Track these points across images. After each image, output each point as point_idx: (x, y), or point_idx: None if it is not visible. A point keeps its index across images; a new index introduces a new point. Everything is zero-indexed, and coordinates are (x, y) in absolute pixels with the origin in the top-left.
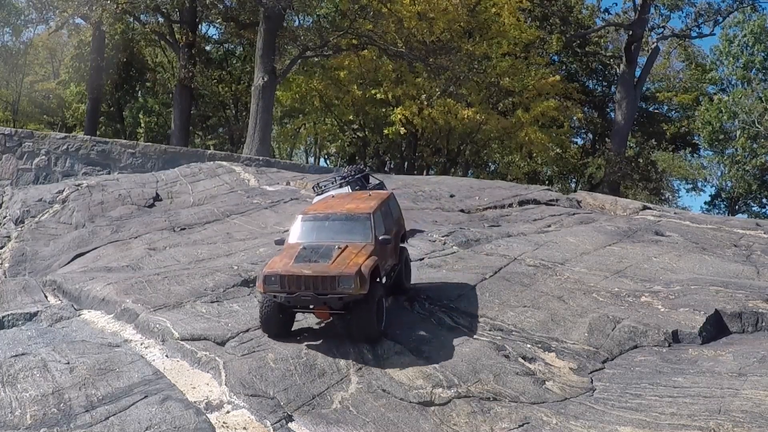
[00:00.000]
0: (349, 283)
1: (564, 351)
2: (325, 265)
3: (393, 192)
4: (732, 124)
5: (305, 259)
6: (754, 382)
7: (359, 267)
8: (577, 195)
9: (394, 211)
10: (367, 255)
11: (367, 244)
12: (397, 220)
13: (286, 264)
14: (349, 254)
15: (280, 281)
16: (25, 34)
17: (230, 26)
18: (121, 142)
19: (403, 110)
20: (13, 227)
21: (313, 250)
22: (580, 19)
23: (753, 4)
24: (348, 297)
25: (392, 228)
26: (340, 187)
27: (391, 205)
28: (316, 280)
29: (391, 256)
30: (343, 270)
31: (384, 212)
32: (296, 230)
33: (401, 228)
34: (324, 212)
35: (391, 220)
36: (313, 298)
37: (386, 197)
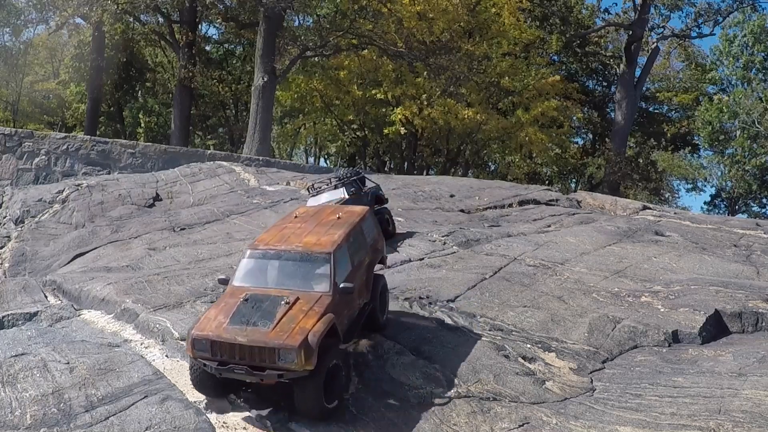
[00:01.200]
0: (290, 358)
1: (564, 351)
2: (265, 331)
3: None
4: (732, 124)
5: (243, 320)
6: (754, 382)
7: (306, 336)
8: (577, 195)
9: (369, 234)
10: (319, 314)
11: (323, 296)
12: (372, 245)
13: (220, 324)
14: (298, 313)
15: (210, 347)
16: (25, 34)
17: (230, 26)
18: (121, 142)
19: (403, 110)
20: (13, 227)
21: (255, 305)
22: (580, 19)
23: (753, 4)
24: (291, 374)
25: (364, 259)
26: (335, 188)
27: (365, 226)
28: (252, 351)
29: (360, 296)
30: (285, 340)
31: (353, 242)
32: (242, 268)
33: (377, 253)
34: (276, 248)
35: (364, 248)
36: (248, 372)
37: (359, 219)
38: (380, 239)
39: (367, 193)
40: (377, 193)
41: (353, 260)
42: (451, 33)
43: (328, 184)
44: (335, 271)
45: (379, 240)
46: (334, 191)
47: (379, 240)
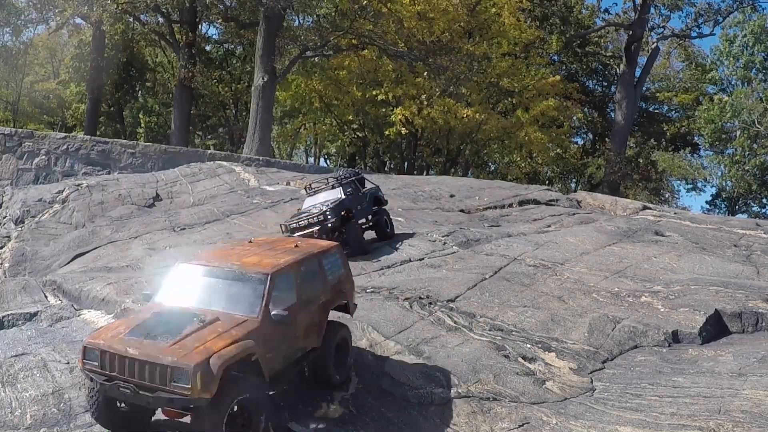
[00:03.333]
0: (184, 379)
1: (564, 351)
2: (162, 346)
3: (339, 244)
4: (732, 123)
5: (143, 332)
6: (754, 382)
7: (207, 357)
8: (577, 195)
9: (332, 272)
10: (236, 338)
11: (248, 320)
12: (334, 286)
13: (118, 334)
14: (210, 333)
15: (100, 359)
16: (25, 34)
17: (230, 26)
18: (121, 142)
19: (403, 110)
20: (13, 227)
21: (165, 320)
22: (580, 19)
23: (753, 4)
24: (183, 401)
25: (317, 296)
26: (332, 188)
27: (327, 262)
28: (143, 367)
29: (304, 338)
30: (180, 358)
31: (304, 273)
32: (169, 283)
33: (339, 296)
34: (209, 264)
35: (320, 285)
36: (133, 392)
37: (319, 251)
38: (348, 282)
39: (365, 194)
40: (376, 194)
41: (301, 293)
42: (451, 33)
43: (326, 184)
44: (270, 295)
45: (346, 283)
46: (331, 191)
47: (346, 283)
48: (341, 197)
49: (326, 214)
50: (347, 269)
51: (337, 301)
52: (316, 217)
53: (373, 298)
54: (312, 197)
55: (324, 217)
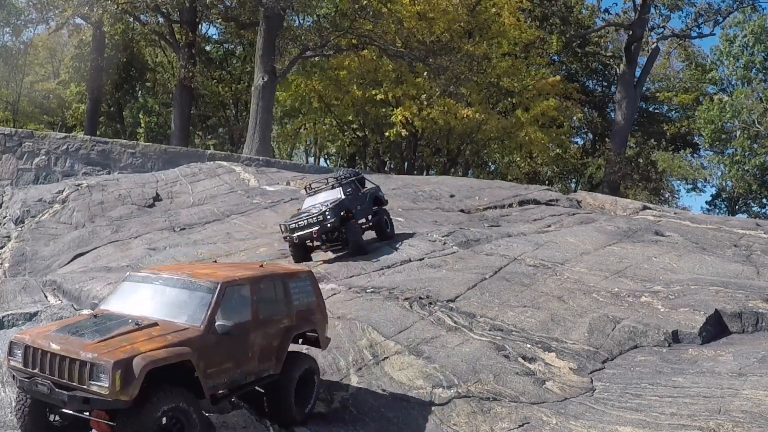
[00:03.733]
0: (103, 378)
1: (564, 351)
2: (85, 342)
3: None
4: (732, 123)
5: (72, 330)
6: (754, 382)
7: (131, 356)
8: (577, 195)
9: (300, 298)
10: (169, 342)
11: (189, 328)
12: (300, 312)
13: (45, 331)
14: (142, 335)
15: (23, 355)
16: (25, 34)
17: (230, 26)
18: (121, 142)
19: (403, 111)
20: (13, 227)
21: (99, 322)
22: (580, 19)
23: (753, 4)
24: (100, 401)
25: (279, 320)
26: (332, 189)
27: (295, 286)
28: (62, 363)
29: (260, 361)
30: (101, 355)
31: (264, 291)
32: (117, 292)
33: (305, 324)
34: (158, 273)
35: (284, 309)
36: (50, 389)
37: (285, 273)
38: (319, 312)
39: (365, 193)
40: (377, 194)
41: (258, 311)
42: (451, 33)
43: (326, 183)
44: (218, 306)
45: (317, 312)
46: (331, 191)
47: (317, 312)
48: (341, 197)
49: (326, 214)
50: (319, 299)
51: (303, 329)
52: (316, 217)
53: (373, 298)
54: (312, 197)
55: (323, 217)
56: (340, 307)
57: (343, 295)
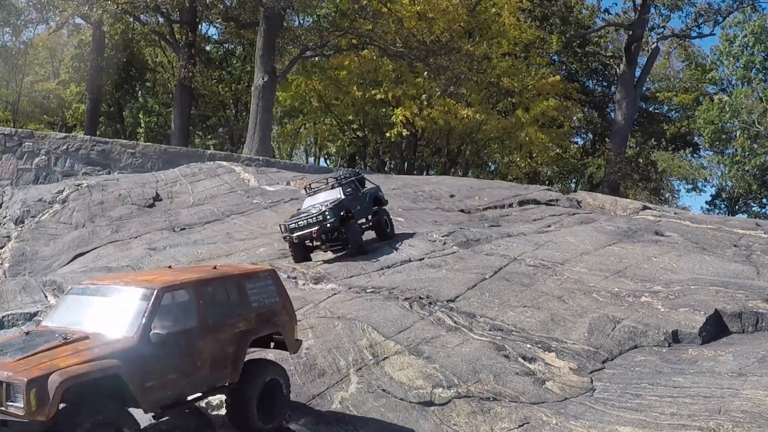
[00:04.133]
0: (17, 397)
1: (564, 351)
2: (5, 361)
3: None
4: (732, 124)
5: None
6: (754, 382)
7: (48, 373)
8: (577, 195)
9: (260, 298)
10: (95, 356)
11: (122, 340)
12: (261, 314)
13: None
14: (67, 350)
15: None
16: (25, 34)
17: (230, 26)
18: (121, 142)
19: (403, 111)
20: (13, 227)
21: (29, 339)
22: (580, 19)
23: (753, 4)
24: (18, 423)
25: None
26: (332, 189)
27: (252, 286)
28: None
29: (208, 369)
30: (16, 374)
31: (213, 294)
32: (58, 306)
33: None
34: (98, 284)
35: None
36: None
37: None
38: (285, 314)
39: (365, 194)
40: (376, 195)
41: (206, 316)
42: (451, 33)
43: (326, 184)
44: (153, 314)
45: (282, 314)
46: (330, 191)
47: (282, 314)
48: (340, 197)
49: (325, 214)
50: (285, 299)
51: (263, 332)
52: (315, 217)
53: (373, 298)
54: (311, 197)
55: (323, 217)
56: (340, 307)
57: (343, 295)
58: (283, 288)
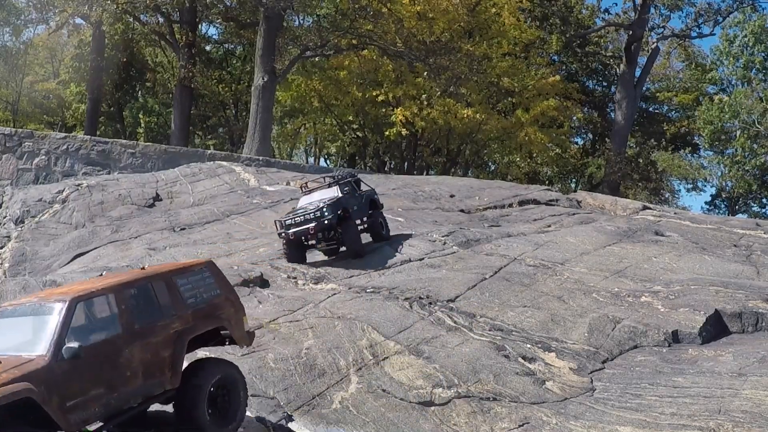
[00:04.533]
0: None
1: (564, 351)
2: None
3: (211, 260)
4: (732, 124)
5: None
6: (754, 382)
7: None
8: (577, 195)
9: (196, 293)
10: (4, 380)
11: (34, 360)
12: (198, 311)
13: None
14: None
15: None
16: (25, 34)
17: (230, 26)
18: (121, 142)
19: (403, 110)
20: (13, 227)
21: None
22: (580, 19)
23: (753, 4)
24: None
25: (167, 324)
26: (329, 187)
27: (184, 281)
28: None
29: (140, 376)
30: None
31: (139, 298)
32: None
33: (208, 322)
34: (13, 305)
35: (173, 310)
36: None
37: (169, 270)
38: (229, 306)
39: (362, 195)
40: (372, 197)
41: (131, 322)
42: (451, 33)
43: (323, 182)
44: (65, 328)
45: (225, 307)
46: (327, 190)
47: (225, 307)
48: (338, 195)
49: (323, 210)
50: (227, 290)
51: (203, 329)
52: (313, 214)
53: (373, 298)
54: (308, 196)
55: (321, 214)
56: (340, 307)
57: (343, 295)
58: (225, 279)
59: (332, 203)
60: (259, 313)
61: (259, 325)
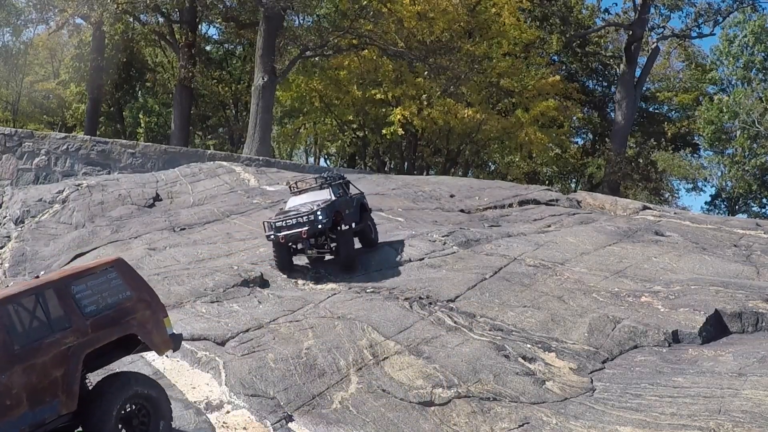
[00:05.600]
0: None
1: (564, 351)
2: None
3: (120, 258)
4: (732, 124)
5: None
6: (754, 382)
7: None
8: (577, 195)
9: (97, 301)
10: None
11: None
12: (100, 320)
13: None
14: None
15: None
16: (25, 34)
17: (230, 26)
18: (121, 142)
19: (402, 110)
20: (13, 227)
21: None
22: (580, 19)
23: (753, 4)
24: None
25: (59, 341)
26: (320, 188)
27: (83, 288)
28: None
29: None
30: None
31: (24, 313)
32: None
33: (113, 331)
34: None
35: (63, 324)
36: None
37: (67, 277)
38: (143, 309)
39: (353, 198)
40: (362, 201)
41: (9, 343)
42: (451, 33)
43: (313, 183)
44: None
45: (138, 310)
46: (319, 191)
47: (138, 310)
48: (332, 198)
49: (317, 214)
50: (141, 290)
51: (106, 339)
52: (306, 217)
53: (373, 298)
54: (297, 196)
55: (314, 217)
56: (340, 307)
57: (343, 295)
58: (137, 278)
59: (326, 206)
60: (259, 313)
61: (259, 325)
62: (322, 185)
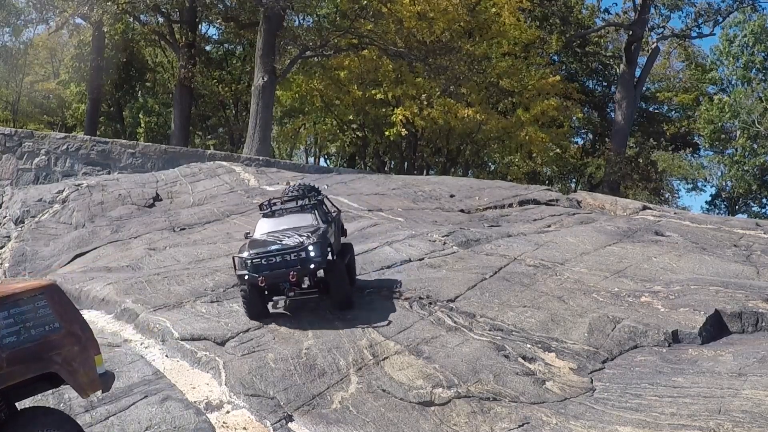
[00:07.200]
0: None
1: (564, 351)
2: None
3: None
4: (732, 124)
5: None
6: (754, 382)
7: None
8: (577, 195)
9: (17, 332)
10: None
11: None
12: (17, 353)
13: None
14: None
15: None
16: (25, 34)
17: (230, 26)
18: (121, 142)
19: (403, 110)
20: (13, 227)
21: None
22: (580, 19)
23: (753, 4)
24: None
25: None
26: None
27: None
28: None
29: None
30: None
31: None
32: None
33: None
34: None
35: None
36: None
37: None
38: (69, 343)
39: (335, 220)
40: (341, 223)
41: None
42: (451, 33)
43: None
44: None
45: (63, 344)
46: (300, 215)
47: (63, 344)
48: (320, 225)
49: (308, 250)
50: (72, 322)
51: (19, 378)
52: (296, 254)
53: (373, 298)
54: (272, 220)
55: (305, 254)
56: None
57: None
58: (70, 308)
59: (319, 240)
60: None
61: (259, 325)
62: (303, 207)
